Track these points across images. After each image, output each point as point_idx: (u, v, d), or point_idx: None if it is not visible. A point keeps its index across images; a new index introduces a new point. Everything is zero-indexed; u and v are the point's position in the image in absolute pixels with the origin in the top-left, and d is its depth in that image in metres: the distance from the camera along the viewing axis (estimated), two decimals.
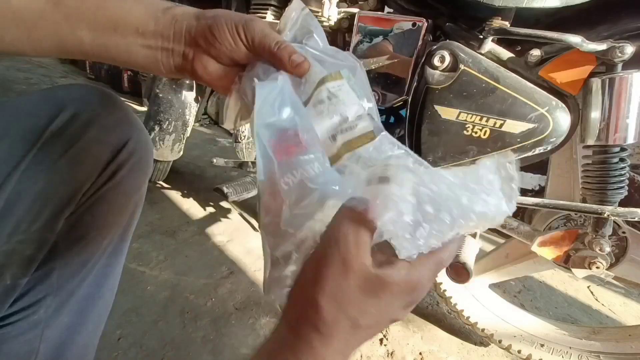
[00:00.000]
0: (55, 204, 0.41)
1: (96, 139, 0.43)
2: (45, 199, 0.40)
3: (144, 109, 1.49)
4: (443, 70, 0.64)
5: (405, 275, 0.25)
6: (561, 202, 0.67)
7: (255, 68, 0.35)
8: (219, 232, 1.40)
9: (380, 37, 0.74)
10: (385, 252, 0.26)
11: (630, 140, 0.56)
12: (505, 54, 0.65)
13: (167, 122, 1.36)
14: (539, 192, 0.84)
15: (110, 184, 0.45)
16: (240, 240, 1.37)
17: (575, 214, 0.75)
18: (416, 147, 0.71)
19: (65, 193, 0.41)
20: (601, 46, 0.54)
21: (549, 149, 0.62)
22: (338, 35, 0.85)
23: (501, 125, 0.62)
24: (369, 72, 0.77)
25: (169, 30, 0.35)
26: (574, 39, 0.55)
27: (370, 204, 0.23)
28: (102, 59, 0.36)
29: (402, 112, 0.92)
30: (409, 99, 0.71)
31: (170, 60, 0.36)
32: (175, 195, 1.64)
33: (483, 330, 0.96)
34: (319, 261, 0.26)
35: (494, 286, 1.11)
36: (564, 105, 0.60)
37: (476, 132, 0.64)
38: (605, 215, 0.60)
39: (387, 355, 0.97)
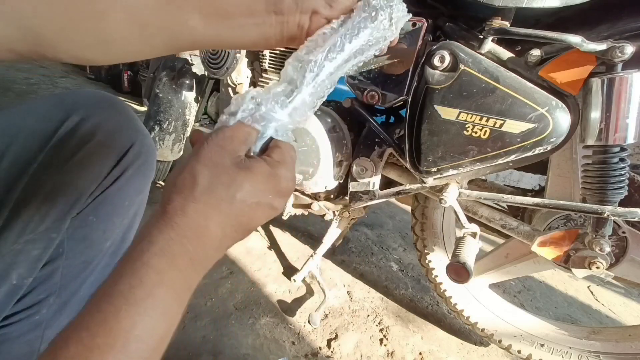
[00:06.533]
0: (62, 205, 0.42)
1: (102, 143, 0.44)
2: (53, 200, 0.41)
3: (144, 109, 1.49)
4: (443, 70, 0.64)
5: (265, 166, 0.30)
6: (561, 202, 0.67)
7: None
8: None
9: None
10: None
11: (630, 140, 0.56)
12: (505, 54, 0.65)
13: (167, 122, 1.36)
14: (539, 192, 0.84)
15: (114, 186, 0.46)
16: None
17: (575, 214, 0.75)
18: (416, 147, 0.71)
19: (72, 194, 0.43)
20: (601, 46, 0.54)
21: (549, 149, 0.62)
22: None
23: (501, 125, 0.62)
24: (369, 71, 0.77)
25: (281, 4, 0.35)
26: (574, 39, 0.55)
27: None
28: (210, 45, 0.36)
29: (402, 112, 0.92)
30: (409, 99, 0.71)
31: (284, 33, 0.36)
32: None
33: (483, 330, 0.96)
34: (202, 143, 0.29)
35: (494, 286, 1.11)
36: (564, 105, 0.60)
37: (476, 132, 0.64)
38: (605, 215, 0.60)
39: (387, 355, 0.97)
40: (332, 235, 1.09)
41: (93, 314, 0.23)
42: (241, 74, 1.09)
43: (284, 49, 0.97)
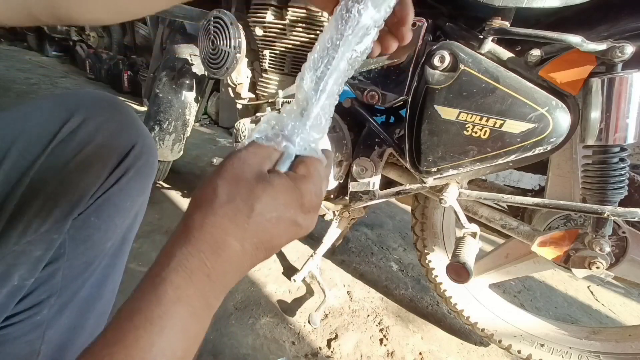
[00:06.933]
0: (64, 206, 0.42)
1: (104, 144, 0.44)
2: (55, 201, 0.41)
3: (144, 109, 1.49)
4: (443, 70, 0.64)
5: (287, 179, 0.29)
6: (561, 202, 0.67)
7: None
8: None
9: None
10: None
11: (630, 140, 0.56)
12: (505, 54, 0.65)
13: (167, 122, 1.36)
14: (539, 192, 0.84)
15: (116, 187, 0.46)
16: None
17: (575, 214, 0.75)
18: (416, 147, 0.71)
19: (74, 195, 0.43)
20: (601, 46, 0.54)
21: (549, 149, 0.62)
22: None
23: (501, 125, 0.62)
24: (369, 71, 0.77)
25: None
26: (574, 39, 0.55)
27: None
28: None
29: (402, 112, 0.92)
30: (409, 99, 0.71)
31: None
32: (175, 195, 1.64)
33: (483, 330, 0.97)
34: (225, 159, 0.29)
35: (494, 286, 1.11)
36: (564, 105, 0.60)
37: (476, 132, 0.64)
38: (605, 215, 0.60)
39: (387, 355, 0.97)
40: (332, 235, 1.09)
41: (114, 331, 0.23)
42: (241, 74, 1.09)
43: (284, 49, 0.97)
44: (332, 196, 0.99)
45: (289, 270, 1.23)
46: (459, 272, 0.71)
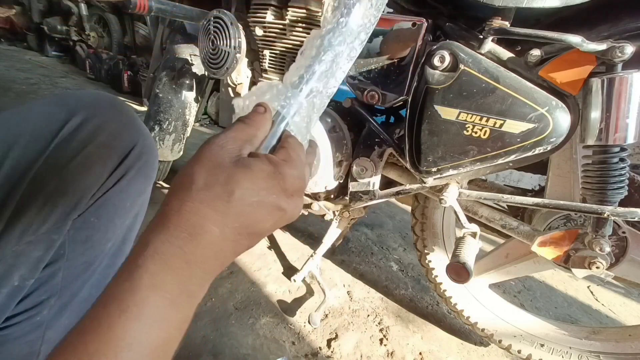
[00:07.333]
0: (64, 207, 0.42)
1: (104, 144, 0.44)
2: (55, 202, 0.41)
3: (144, 109, 1.49)
4: (443, 70, 0.64)
5: (267, 163, 0.29)
6: (561, 202, 0.67)
7: None
8: None
9: (380, 37, 0.74)
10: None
11: (630, 140, 0.56)
12: (505, 54, 0.65)
13: (167, 122, 1.36)
14: (539, 192, 0.84)
15: (116, 187, 0.46)
16: None
17: (575, 214, 0.75)
18: (416, 147, 0.71)
19: (74, 195, 0.43)
20: (601, 46, 0.54)
21: (549, 149, 0.62)
22: None
23: (501, 125, 0.62)
24: (369, 71, 0.77)
25: None
26: (574, 39, 0.55)
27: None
28: None
29: (402, 112, 0.92)
30: (409, 99, 0.71)
31: None
32: None
33: (483, 330, 0.97)
34: (202, 145, 0.29)
35: (494, 286, 1.11)
36: (564, 105, 0.60)
37: (476, 132, 0.64)
38: (605, 215, 0.60)
39: (387, 355, 0.97)
40: (332, 235, 1.09)
41: (89, 320, 0.22)
42: (241, 74, 1.09)
43: (284, 49, 0.97)
44: (332, 196, 0.99)
45: (289, 270, 1.23)
46: (459, 272, 0.71)
